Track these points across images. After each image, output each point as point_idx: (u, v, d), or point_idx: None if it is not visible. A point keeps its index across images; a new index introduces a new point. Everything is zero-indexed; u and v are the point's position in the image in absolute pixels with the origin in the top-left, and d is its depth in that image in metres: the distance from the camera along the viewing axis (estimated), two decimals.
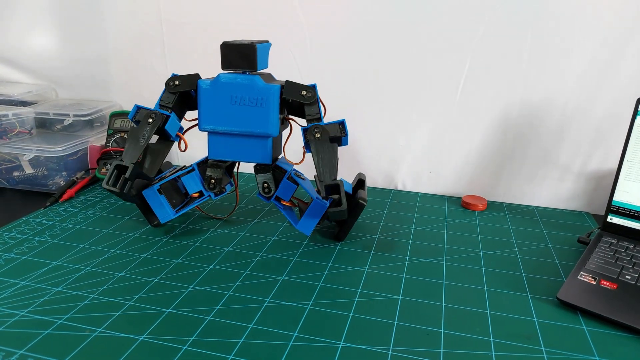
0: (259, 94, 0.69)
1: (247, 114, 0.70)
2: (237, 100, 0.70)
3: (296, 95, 0.70)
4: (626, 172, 0.74)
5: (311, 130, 0.69)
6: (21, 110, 0.97)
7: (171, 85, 0.72)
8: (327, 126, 0.69)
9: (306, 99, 0.70)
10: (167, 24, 0.99)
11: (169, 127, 0.71)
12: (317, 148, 0.69)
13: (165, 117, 0.71)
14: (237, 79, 0.70)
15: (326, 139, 0.69)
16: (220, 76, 0.70)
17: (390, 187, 1.00)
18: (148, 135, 0.70)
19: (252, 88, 0.69)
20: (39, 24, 1.05)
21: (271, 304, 0.59)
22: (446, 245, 0.76)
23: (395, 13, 0.88)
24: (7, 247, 0.71)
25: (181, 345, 0.51)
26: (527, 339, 0.54)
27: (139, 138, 0.69)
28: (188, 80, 0.72)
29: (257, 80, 0.69)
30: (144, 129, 0.70)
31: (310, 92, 0.70)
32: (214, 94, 0.70)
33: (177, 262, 0.68)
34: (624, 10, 0.79)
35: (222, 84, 0.70)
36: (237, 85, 0.70)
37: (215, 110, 0.71)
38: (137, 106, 0.72)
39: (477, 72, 0.88)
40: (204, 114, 0.72)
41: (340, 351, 0.51)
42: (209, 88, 0.70)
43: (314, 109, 0.71)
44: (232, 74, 0.70)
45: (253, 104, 0.70)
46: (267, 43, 0.73)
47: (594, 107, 0.85)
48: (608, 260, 0.68)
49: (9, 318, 0.55)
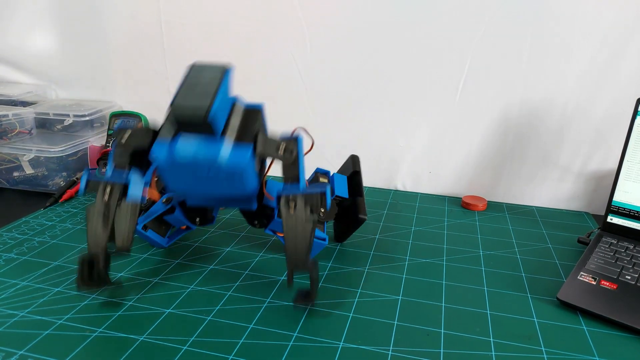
0: (227, 169, 0.54)
1: (218, 183, 0.57)
2: (203, 175, 0.56)
3: (272, 152, 0.57)
4: (626, 172, 0.74)
5: (286, 200, 0.56)
6: (21, 110, 0.97)
7: (121, 141, 0.58)
8: (307, 196, 0.56)
9: (284, 157, 0.56)
10: (167, 25, 0.99)
11: (131, 194, 0.57)
12: (288, 224, 0.55)
13: (123, 188, 0.57)
14: (196, 155, 0.53)
15: (301, 214, 0.55)
16: (177, 150, 0.53)
17: (390, 188, 1.00)
18: (109, 215, 0.56)
19: (216, 165, 0.54)
20: (39, 24, 1.05)
21: (271, 304, 0.59)
22: (446, 246, 0.76)
23: (395, 13, 0.88)
24: (7, 248, 0.71)
25: (181, 346, 0.51)
26: (527, 339, 0.54)
27: (98, 221, 0.56)
28: (141, 137, 0.58)
29: (221, 153, 0.53)
30: (102, 206, 0.56)
31: (288, 151, 0.56)
32: (172, 170, 0.56)
33: (177, 262, 0.68)
34: (623, 10, 0.79)
35: (178, 164, 0.54)
36: (197, 164, 0.54)
37: (179, 182, 0.58)
38: (86, 173, 0.58)
39: (477, 72, 0.88)
40: (167, 182, 0.59)
41: (340, 351, 0.51)
42: (166, 161, 0.54)
43: (293, 169, 0.57)
44: (189, 147, 0.53)
45: (223, 177, 0.56)
46: (225, 78, 0.54)
47: (594, 107, 0.85)
48: (608, 260, 0.68)
49: (9, 318, 0.55)
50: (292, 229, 0.55)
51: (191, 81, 0.54)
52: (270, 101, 0.98)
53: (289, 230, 0.55)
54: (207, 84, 0.53)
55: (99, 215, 0.56)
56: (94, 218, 0.56)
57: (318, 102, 0.97)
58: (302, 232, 0.55)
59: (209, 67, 0.55)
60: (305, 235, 0.55)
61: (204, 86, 0.53)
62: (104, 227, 0.56)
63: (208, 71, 0.55)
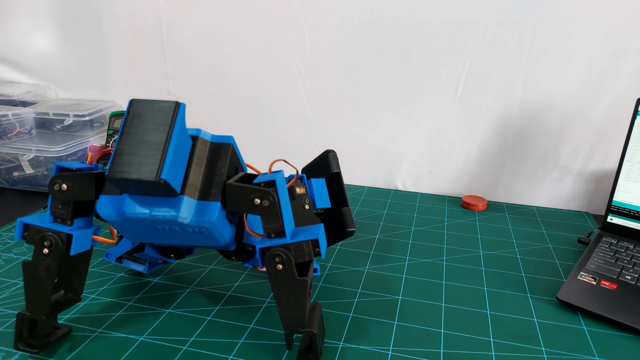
0: (192, 227, 0.45)
1: (184, 236, 0.48)
2: (166, 229, 0.46)
3: (245, 206, 0.46)
4: (626, 172, 0.74)
5: (270, 257, 0.46)
6: (21, 110, 0.97)
7: (56, 191, 0.46)
8: (295, 247, 0.46)
9: (261, 209, 0.45)
10: (167, 24, 0.99)
11: (77, 246, 0.47)
12: (277, 285, 0.46)
13: (66, 239, 0.47)
14: (152, 212, 0.43)
15: (292, 271, 0.46)
16: (127, 209, 0.44)
17: (390, 187, 1.00)
18: (51, 274, 0.47)
19: (178, 223, 0.44)
20: (39, 24, 1.05)
21: (271, 304, 0.59)
22: (446, 246, 0.76)
23: (395, 13, 0.88)
24: (6, 248, 0.71)
25: (181, 346, 0.51)
26: (527, 339, 0.54)
27: (39, 278, 0.47)
28: (81, 187, 0.47)
29: (183, 211, 0.43)
30: (41, 264, 0.47)
31: (266, 199, 0.45)
32: (127, 225, 0.46)
33: (177, 263, 0.68)
34: (623, 11, 0.79)
35: (131, 220, 0.44)
36: (156, 220, 0.44)
37: (137, 235, 0.49)
38: (20, 221, 0.48)
39: (477, 73, 0.88)
40: (123, 234, 0.51)
41: (340, 351, 0.51)
42: (117, 220, 0.45)
43: (274, 220, 0.46)
44: (142, 207, 0.44)
45: (189, 231, 0.46)
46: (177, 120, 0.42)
47: (594, 107, 0.85)
48: (608, 260, 0.68)
49: (8, 318, 0.55)
50: (283, 290, 0.46)
51: (131, 134, 0.41)
52: (270, 101, 1.00)
53: (278, 291, 0.46)
54: (152, 139, 0.41)
55: (38, 275, 0.47)
56: (31, 279, 0.47)
57: (318, 102, 0.97)
58: (295, 292, 0.46)
59: (153, 109, 0.42)
60: (300, 294, 0.46)
61: (148, 143, 0.41)
62: (46, 288, 0.48)
63: (152, 115, 0.42)
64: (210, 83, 1.00)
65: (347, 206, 0.63)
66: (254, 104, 1.00)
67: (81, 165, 0.50)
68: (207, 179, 0.46)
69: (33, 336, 0.50)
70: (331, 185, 0.62)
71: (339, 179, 0.63)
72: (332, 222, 0.62)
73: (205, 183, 0.46)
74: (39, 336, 0.50)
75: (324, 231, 0.49)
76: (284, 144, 1.01)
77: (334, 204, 0.62)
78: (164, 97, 1.02)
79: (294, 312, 0.46)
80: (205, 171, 0.46)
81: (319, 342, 0.48)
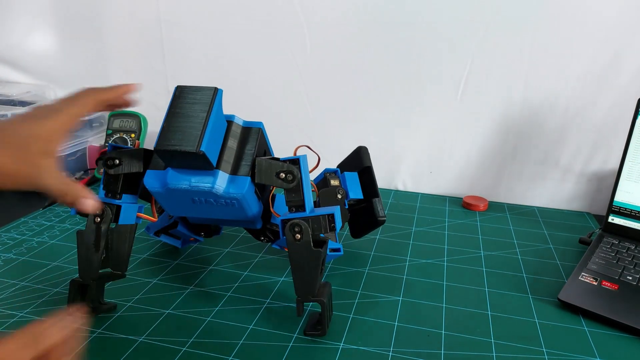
0: (224, 198, 0.51)
1: (217, 208, 0.53)
2: (202, 201, 0.52)
3: (272, 179, 0.52)
4: (627, 173, 0.74)
5: (290, 227, 0.51)
6: (20, 110, 0.97)
7: (109, 165, 0.53)
8: (313, 220, 0.51)
9: (286, 183, 0.52)
10: (166, 24, 0.98)
11: (124, 218, 0.54)
12: (294, 253, 0.51)
13: (115, 210, 0.54)
14: (191, 185, 0.50)
15: (308, 240, 0.51)
16: (170, 181, 0.50)
17: (390, 188, 1.00)
18: (100, 242, 0.53)
19: (213, 194, 0.51)
20: (38, 24, 1.05)
21: (271, 305, 0.59)
22: (447, 246, 0.75)
23: (395, 13, 0.87)
24: (6, 248, 0.71)
25: (180, 347, 0.51)
26: (528, 340, 0.54)
27: (90, 246, 0.53)
28: (131, 162, 0.53)
29: (218, 183, 0.50)
30: (92, 234, 0.53)
31: (290, 174, 0.51)
32: (169, 197, 0.52)
33: (177, 263, 0.68)
34: (625, 11, 0.79)
35: (173, 191, 0.51)
36: (194, 191, 0.51)
37: (177, 207, 0.55)
38: None
39: (479, 72, 0.87)
40: (164, 207, 0.57)
41: (341, 352, 0.51)
42: (160, 192, 0.52)
43: (296, 196, 0.52)
44: (183, 178, 0.50)
45: (222, 203, 0.52)
46: (215, 104, 0.50)
47: (595, 107, 0.85)
48: (609, 260, 0.67)
49: (8, 319, 0.55)
50: (299, 258, 0.51)
51: (176, 113, 0.48)
52: (271, 101, 0.99)
53: (295, 259, 0.51)
54: (194, 116, 0.48)
55: (89, 242, 0.53)
56: (84, 245, 0.53)
57: (318, 102, 0.97)
58: (309, 261, 0.51)
59: (195, 92, 0.50)
60: (313, 265, 0.51)
61: (191, 119, 0.48)
62: (95, 255, 0.53)
63: (194, 97, 0.49)
64: (210, 83, 0.98)
65: (378, 197, 0.68)
66: (253, 103, 1.00)
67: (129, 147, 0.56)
68: (238, 156, 0.53)
69: (83, 303, 0.54)
70: (362, 178, 0.68)
71: (370, 172, 0.68)
72: (364, 212, 0.67)
73: (237, 160, 0.52)
74: (87, 304, 0.54)
75: (339, 210, 0.53)
76: (284, 144, 1.00)
77: (365, 195, 0.67)
78: (164, 97, 1.01)
79: (306, 280, 0.51)
80: (238, 150, 0.53)
81: (327, 312, 0.52)
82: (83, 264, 0.54)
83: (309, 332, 0.53)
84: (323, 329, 0.53)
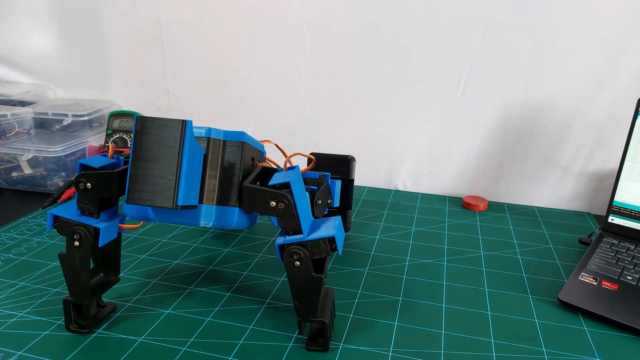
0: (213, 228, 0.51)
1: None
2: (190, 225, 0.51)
3: (262, 208, 0.48)
4: (627, 173, 0.74)
5: (288, 253, 0.48)
6: (20, 110, 0.97)
7: (81, 190, 0.48)
8: (312, 244, 0.48)
9: (277, 211, 0.48)
10: (166, 24, 0.98)
11: (105, 237, 0.50)
12: (294, 279, 0.49)
13: (94, 232, 0.49)
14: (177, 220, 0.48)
15: (308, 268, 0.48)
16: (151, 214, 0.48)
17: (390, 188, 1.00)
18: (85, 263, 0.50)
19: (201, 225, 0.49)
20: (38, 24, 1.05)
21: (271, 305, 0.59)
22: (447, 246, 0.75)
23: (395, 13, 0.87)
24: (5, 248, 0.71)
25: (180, 347, 0.51)
26: (528, 340, 0.54)
27: (75, 268, 0.50)
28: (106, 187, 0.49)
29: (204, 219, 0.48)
30: (75, 255, 0.50)
31: (282, 202, 0.47)
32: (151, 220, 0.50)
33: (176, 263, 0.68)
34: (625, 11, 0.79)
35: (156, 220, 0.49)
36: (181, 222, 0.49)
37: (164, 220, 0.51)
38: (51, 213, 0.49)
39: (478, 72, 0.87)
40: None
41: (341, 352, 0.51)
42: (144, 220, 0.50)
43: (291, 219, 0.48)
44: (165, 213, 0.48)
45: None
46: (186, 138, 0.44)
47: (595, 107, 0.85)
48: (609, 260, 0.67)
49: (8, 319, 0.55)
50: (299, 284, 0.49)
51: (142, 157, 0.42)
52: (271, 101, 0.99)
53: (295, 286, 0.49)
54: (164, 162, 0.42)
55: (73, 264, 0.50)
56: (68, 267, 0.50)
57: (318, 102, 0.97)
58: (310, 287, 0.49)
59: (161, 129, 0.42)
60: (314, 289, 0.49)
61: (161, 166, 0.42)
62: (83, 276, 0.50)
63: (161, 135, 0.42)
64: (210, 83, 1.00)
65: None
66: (253, 103, 1.00)
67: (104, 161, 0.51)
68: (223, 181, 0.48)
69: (81, 317, 0.53)
70: (342, 189, 0.71)
71: (352, 185, 0.73)
72: None
73: (222, 186, 0.48)
74: (87, 317, 0.53)
75: (341, 224, 0.51)
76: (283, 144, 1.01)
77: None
78: (164, 97, 1.02)
79: (307, 304, 0.50)
80: (221, 174, 0.48)
81: (329, 331, 0.51)
82: (73, 286, 0.51)
83: (311, 348, 0.51)
84: (326, 345, 0.51)
